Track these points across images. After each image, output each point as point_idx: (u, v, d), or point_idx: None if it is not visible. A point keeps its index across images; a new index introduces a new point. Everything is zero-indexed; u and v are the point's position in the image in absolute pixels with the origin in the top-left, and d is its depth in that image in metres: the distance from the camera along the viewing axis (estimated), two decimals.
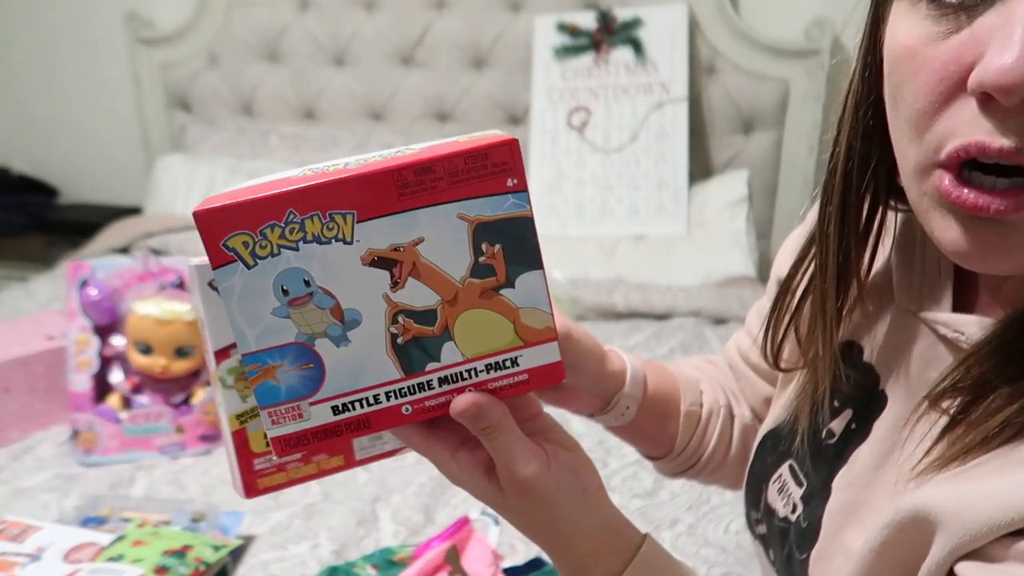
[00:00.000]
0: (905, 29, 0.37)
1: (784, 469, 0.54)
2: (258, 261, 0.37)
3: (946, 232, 0.37)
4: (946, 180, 0.35)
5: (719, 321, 1.68)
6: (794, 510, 0.52)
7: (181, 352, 1.21)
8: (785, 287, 0.53)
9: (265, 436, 0.45)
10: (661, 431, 0.64)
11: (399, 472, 1.14)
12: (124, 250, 1.99)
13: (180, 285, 1.25)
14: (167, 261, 1.29)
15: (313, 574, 0.93)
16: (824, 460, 0.50)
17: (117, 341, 1.23)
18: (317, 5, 2.28)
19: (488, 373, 0.41)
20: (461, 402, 0.40)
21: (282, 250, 0.37)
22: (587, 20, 2.07)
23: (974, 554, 0.37)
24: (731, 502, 1.06)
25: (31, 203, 2.61)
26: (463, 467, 0.43)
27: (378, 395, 0.40)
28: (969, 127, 0.34)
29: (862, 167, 0.45)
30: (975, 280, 0.46)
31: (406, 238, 0.38)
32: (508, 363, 0.41)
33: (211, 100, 2.43)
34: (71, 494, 1.09)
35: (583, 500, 0.44)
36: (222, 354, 0.45)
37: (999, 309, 0.43)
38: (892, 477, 0.45)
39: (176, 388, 1.23)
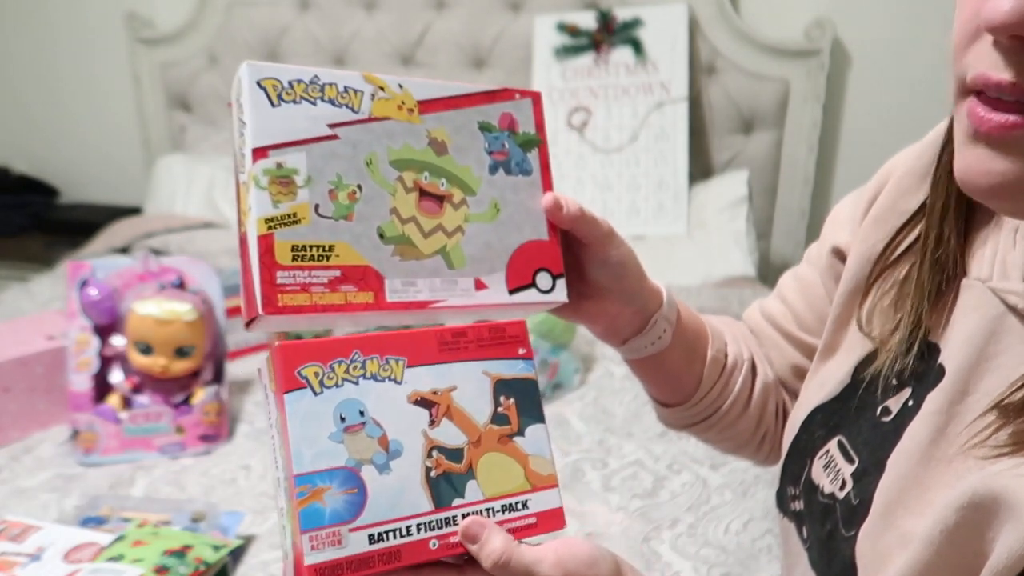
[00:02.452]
0: None
1: (832, 445, 0.54)
2: (324, 390, 0.43)
3: (958, 161, 0.39)
4: (970, 100, 0.38)
5: None
6: (843, 487, 0.51)
7: (181, 352, 1.21)
8: (885, 256, 0.54)
9: (292, 249, 0.45)
10: (688, 370, 0.63)
11: None
12: (124, 250, 1.99)
13: (180, 285, 1.25)
14: (167, 261, 1.29)
15: None
16: (879, 437, 0.50)
17: (117, 341, 1.23)
18: (317, 5, 2.28)
19: (503, 514, 0.46)
20: (464, 523, 0.44)
21: (345, 383, 0.44)
22: (587, 20, 2.07)
23: None
24: (731, 502, 1.06)
25: (31, 203, 2.61)
26: None
27: (410, 527, 0.44)
28: (981, 61, 0.38)
29: None
30: None
31: (443, 385, 0.46)
32: (519, 506, 0.47)
33: (211, 100, 2.43)
34: (71, 494, 1.09)
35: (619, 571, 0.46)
36: (259, 152, 0.45)
37: None
38: (949, 453, 0.44)
39: (176, 388, 1.23)
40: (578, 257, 0.55)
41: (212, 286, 1.29)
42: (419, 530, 0.44)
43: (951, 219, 0.48)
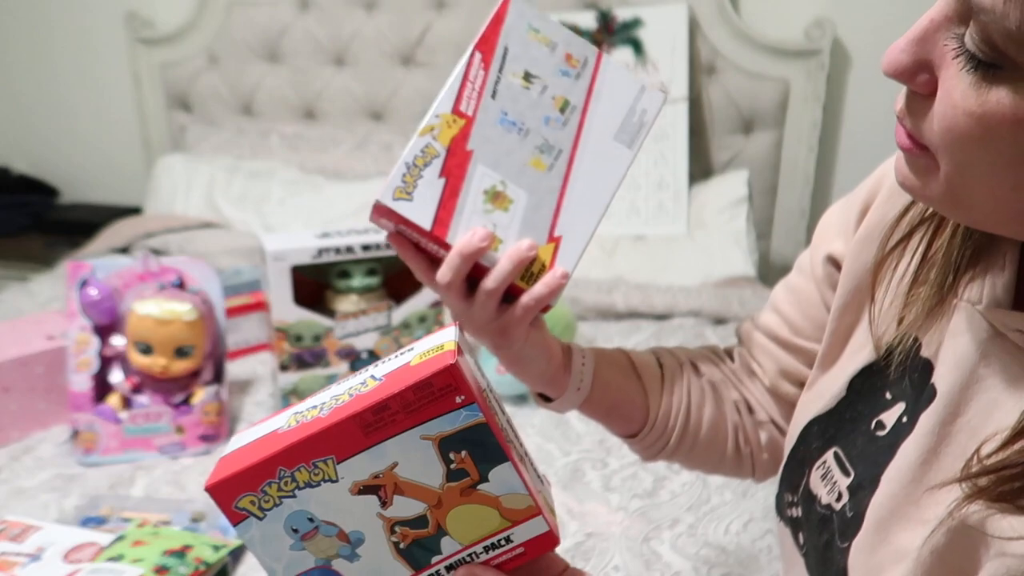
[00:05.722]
0: None
1: (829, 456, 0.55)
2: (266, 513, 0.43)
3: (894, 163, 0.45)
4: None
5: (719, 321, 1.68)
6: (839, 498, 0.52)
7: (181, 352, 1.21)
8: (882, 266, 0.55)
9: None
10: (628, 394, 0.67)
11: None
12: (124, 250, 1.99)
13: (180, 285, 1.25)
14: (167, 261, 1.29)
15: None
16: (875, 452, 0.51)
17: (117, 341, 1.23)
18: (317, 5, 2.28)
19: (488, 553, 0.46)
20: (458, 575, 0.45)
21: (283, 500, 0.43)
22: (587, 20, 2.07)
23: None
24: (731, 502, 1.06)
25: (31, 203, 2.61)
26: None
27: None
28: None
29: None
30: None
31: (382, 466, 0.43)
32: (503, 542, 0.46)
33: (211, 100, 2.43)
34: (71, 494, 1.09)
35: None
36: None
37: None
38: (939, 474, 0.45)
39: (176, 388, 1.23)
40: None
41: (212, 286, 1.29)
42: None
43: (963, 242, 0.48)
